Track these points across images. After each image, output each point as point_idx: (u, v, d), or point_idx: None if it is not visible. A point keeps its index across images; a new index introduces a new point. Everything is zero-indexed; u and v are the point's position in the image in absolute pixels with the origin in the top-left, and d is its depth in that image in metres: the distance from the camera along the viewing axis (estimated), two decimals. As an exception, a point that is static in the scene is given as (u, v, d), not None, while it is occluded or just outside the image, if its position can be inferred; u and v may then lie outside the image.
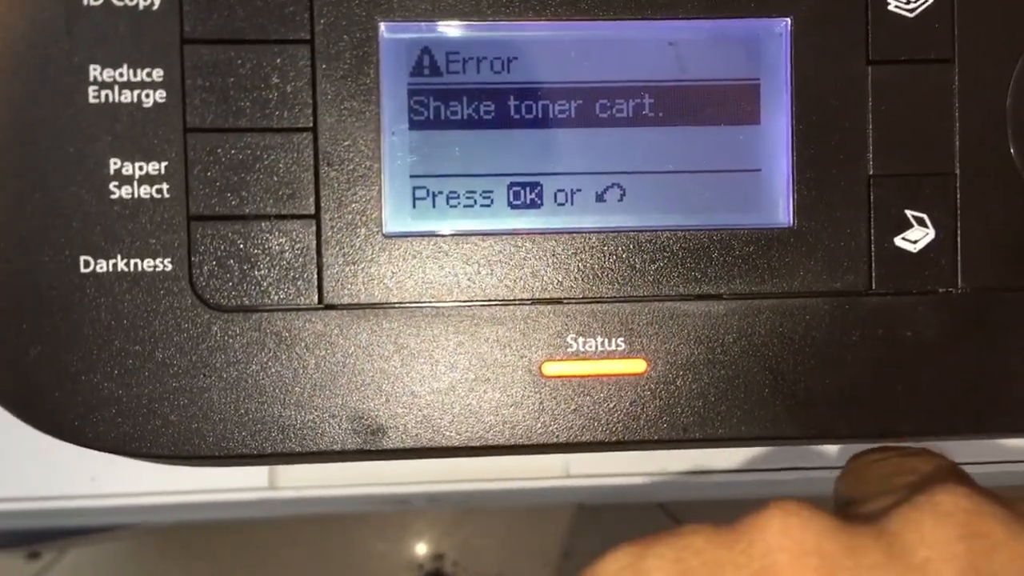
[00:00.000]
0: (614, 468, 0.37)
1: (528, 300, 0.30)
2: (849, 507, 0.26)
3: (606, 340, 0.30)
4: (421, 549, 0.70)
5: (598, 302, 0.30)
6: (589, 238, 0.30)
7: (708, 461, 0.36)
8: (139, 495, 0.36)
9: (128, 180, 0.29)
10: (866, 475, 0.27)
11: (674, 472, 0.37)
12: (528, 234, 0.30)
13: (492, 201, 0.30)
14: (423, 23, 0.30)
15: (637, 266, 0.30)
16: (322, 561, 0.69)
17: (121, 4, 0.29)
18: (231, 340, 0.29)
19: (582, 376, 0.30)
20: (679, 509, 0.66)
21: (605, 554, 0.24)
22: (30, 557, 0.62)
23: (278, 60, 0.29)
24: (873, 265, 0.30)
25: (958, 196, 0.30)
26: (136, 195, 0.29)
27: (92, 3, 0.29)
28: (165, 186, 0.29)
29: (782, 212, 0.30)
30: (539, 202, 0.30)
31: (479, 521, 0.69)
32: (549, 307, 0.30)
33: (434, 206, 0.30)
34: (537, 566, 0.68)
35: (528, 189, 0.30)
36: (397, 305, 0.30)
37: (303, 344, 0.29)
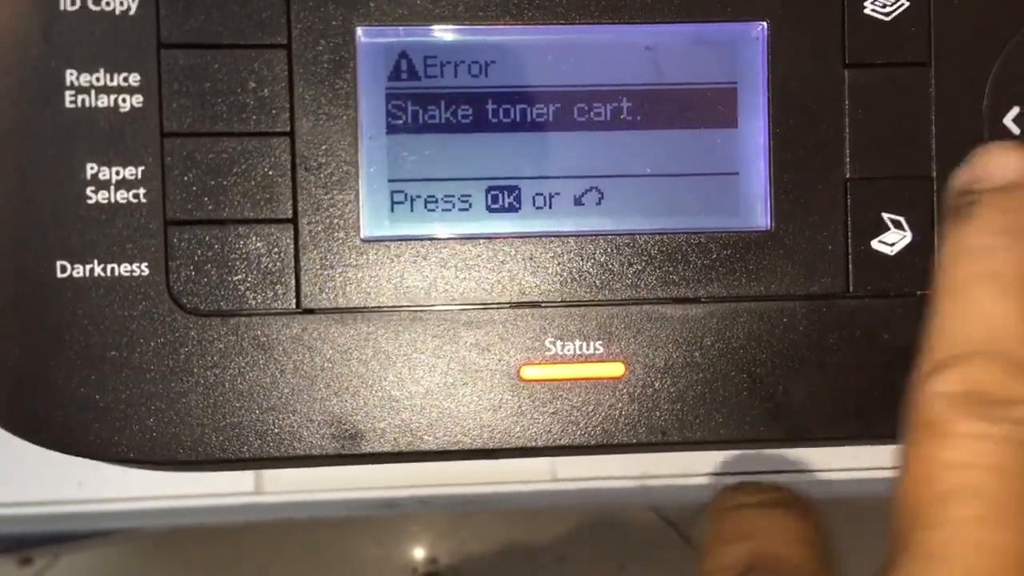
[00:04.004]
0: (601, 472, 0.37)
1: (506, 304, 0.30)
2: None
3: (584, 343, 0.30)
4: (416, 553, 0.70)
5: (576, 305, 0.30)
6: (567, 241, 0.30)
7: (694, 465, 0.36)
8: (126, 500, 0.36)
9: (105, 185, 0.29)
10: (714, 529, 0.28)
11: (661, 476, 0.37)
12: (506, 238, 0.30)
13: (470, 205, 0.30)
14: (401, 27, 0.30)
15: (615, 269, 0.30)
16: (317, 565, 0.69)
17: (98, 9, 0.29)
18: (209, 345, 0.29)
19: (560, 380, 0.30)
20: (672, 512, 0.66)
21: None
22: (22, 563, 0.62)
23: (255, 64, 0.29)
24: (850, 268, 0.30)
25: (935, 199, 0.30)
26: (113, 200, 0.29)
27: (69, 8, 0.29)
28: (142, 191, 0.29)
29: (760, 215, 0.30)
30: (517, 206, 0.30)
31: (473, 525, 0.69)
32: (527, 311, 0.30)
33: (412, 210, 0.30)
34: (532, 569, 0.68)
35: (506, 193, 0.30)
36: (375, 309, 0.30)
37: (281, 348, 0.29)
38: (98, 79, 0.29)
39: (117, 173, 0.29)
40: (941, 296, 0.27)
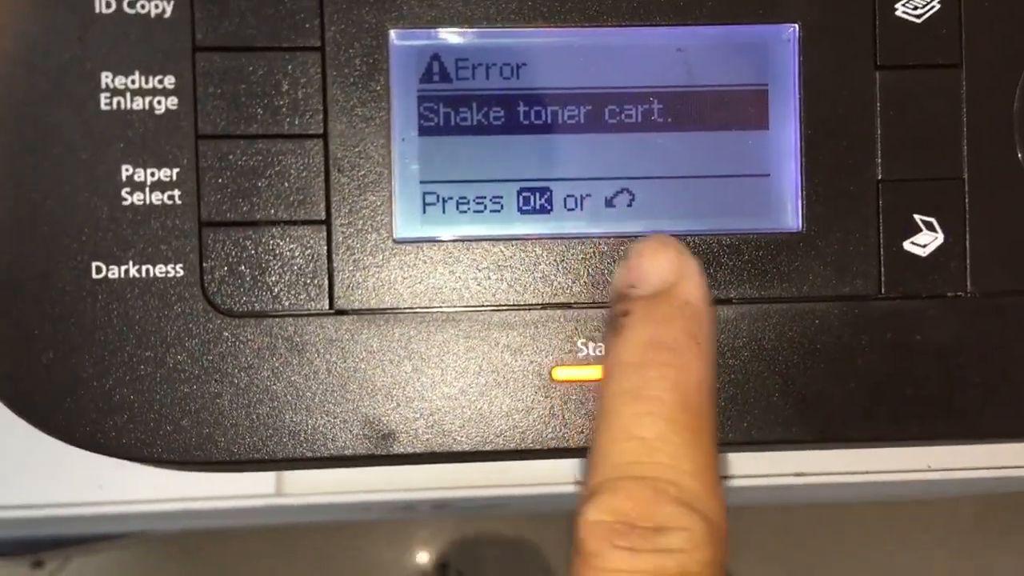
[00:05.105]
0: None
1: (538, 305, 0.30)
2: None
3: (616, 345, 0.30)
4: (426, 558, 0.69)
5: (607, 307, 0.30)
6: (599, 243, 0.30)
7: (721, 467, 0.36)
8: (146, 502, 0.36)
9: (140, 186, 0.29)
10: None
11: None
12: (538, 239, 0.30)
13: (502, 207, 0.30)
14: (433, 30, 0.30)
15: (646, 271, 0.30)
16: (328, 569, 0.69)
17: (133, 12, 0.29)
18: (242, 346, 0.29)
19: (592, 381, 0.30)
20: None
21: None
22: (34, 566, 0.62)
23: (289, 67, 0.29)
24: (883, 269, 0.30)
25: (966, 200, 0.30)
26: (148, 201, 0.29)
27: (104, 11, 0.29)
28: (177, 192, 0.29)
29: (791, 217, 0.30)
30: (549, 207, 0.30)
31: (483, 530, 0.69)
32: (559, 312, 0.30)
33: (444, 211, 0.30)
34: (542, 573, 0.68)
35: (538, 194, 0.30)
36: (407, 310, 0.30)
37: (314, 349, 0.29)
38: (133, 81, 0.29)
39: (152, 175, 0.29)
40: (598, 414, 0.26)
